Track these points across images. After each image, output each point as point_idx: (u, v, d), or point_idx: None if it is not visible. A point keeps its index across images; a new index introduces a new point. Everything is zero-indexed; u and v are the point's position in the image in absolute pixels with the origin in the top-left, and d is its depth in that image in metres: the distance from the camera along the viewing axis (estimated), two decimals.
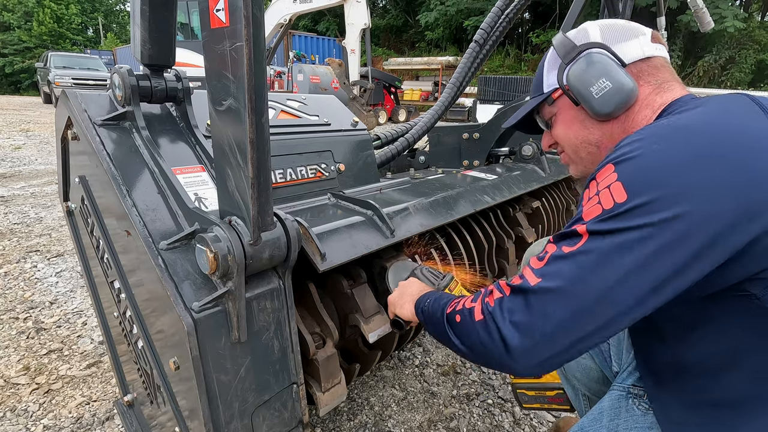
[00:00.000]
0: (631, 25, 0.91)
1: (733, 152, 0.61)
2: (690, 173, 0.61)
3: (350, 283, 1.32)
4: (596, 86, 0.87)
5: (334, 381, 1.21)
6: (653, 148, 0.65)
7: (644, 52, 0.88)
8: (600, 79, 0.86)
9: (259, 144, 0.75)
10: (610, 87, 0.85)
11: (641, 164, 0.65)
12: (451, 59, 17.73)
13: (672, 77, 0.89)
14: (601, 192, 0.67)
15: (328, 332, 1.25)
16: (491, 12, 2.06)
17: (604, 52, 0.88)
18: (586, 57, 0.89)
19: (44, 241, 3.30)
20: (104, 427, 1.57)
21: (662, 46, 0.90)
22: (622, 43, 0.89)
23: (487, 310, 0.72)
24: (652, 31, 0.91)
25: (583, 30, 0.95)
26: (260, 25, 0.71)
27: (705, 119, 0.67)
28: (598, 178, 0.69)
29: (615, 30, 0.91)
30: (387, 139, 2.11)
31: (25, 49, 28.87)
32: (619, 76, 0.85)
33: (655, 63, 0.88)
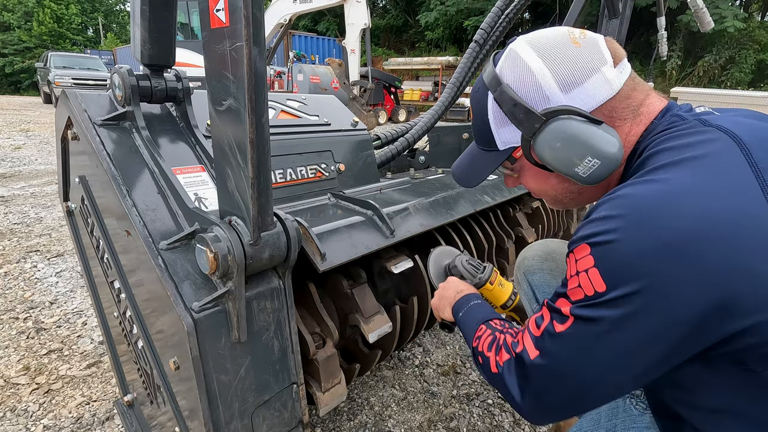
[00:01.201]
0: (585, 52, 0.74)
1: (713, 240, 0.55)
2: (666, 265, 0.56)
3: (350, 283, 1.32)
4: (582, 166, 0.74)
5: (334, 381, 1.21)
6: (630, 235, 0.59)
7: (612, 87, 0.73)
8: (584, 158, 0.73)
9: (259, 144, 0.75)
10: (598, 165, 0.73)
11: (617, 253, 0.60)
12: (451, 59, 17.72)
13: (644, 93, 0.77)
14: (581, 275, 0.64)
15: (328, 332, 1.25)
16: (491, 12, 2.06)
17: (576, 118, 0.73)
18: (553, 130, 0.74)
19: (44, 241, 3.30)
20: (104, 427, 1.57)
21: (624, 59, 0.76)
22: (582, 84, 0.73)
23: (498, 367, 0.78)
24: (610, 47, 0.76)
25: (525, 72, 0.76)
26: (260, 25, 0.71)
27: (688, 198, 0.59)
28: (576, 253, 0.65)
29: (568, 66, 0.73)
30: (387, 139, 2.11)
31: (25, 49, 28.86)
32: (606, 146, 0.72)
33: (625, 92, 0.74)
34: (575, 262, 0.66)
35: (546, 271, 1.22)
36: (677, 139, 0.68)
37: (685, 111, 0.76)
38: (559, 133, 0.74)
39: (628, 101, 0.75)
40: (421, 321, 1.55)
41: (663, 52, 2.14)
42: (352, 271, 1.35)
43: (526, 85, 0.76)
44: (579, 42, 0.75)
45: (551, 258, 1.22)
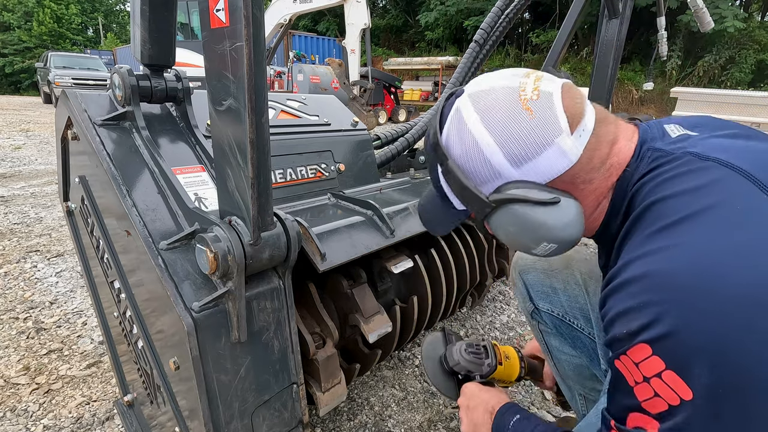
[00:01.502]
0: (540, 122, 0.66)
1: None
2: (743, 342, 0.49)
3: (350, 283, 1.32)
4: (538, 249, 0.72)
5: (334, 381, 1.21)
6: (690, 321, 0.52)
7: (570, 158, 0.67)
8: (540, 243, 0.70)
9: (259, 144, 0.75)
10: (555, 247, 0.71)
11: (685, 345, 0.52)
12: (451, 59, 17.71)
13: (606, 144, 0.69)
14: (653, 380, 0.54)
15: (328, 332, 1.25)
16: (491, 12, 2.06)
17: (528, 206, 0.68)
18: (503, 218, 0.71)
19: (44, 241, 3.29)
20: (104, 427, 1.57)
21: (583, 122, 0.67)
22: (535, 158, 0.67)
23: None
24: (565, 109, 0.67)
25: (473, 146, 0.70)
26: (260, 25, 0.71)
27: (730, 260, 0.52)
28: (631, 356, 0.56)
29: (519, 142, 0.67)
30: (387, 139, 2.11)
31: (25, 49, 28.86)
32: (563, 232, 0.68)
33: (586, 155, 0.68)
34: (636, 367, 0.56)
35: (539, 271, 1.21)
36: (678, 184, 0.61)
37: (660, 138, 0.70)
38: (510, 222, 0.71)
39: (591, 163, 0.69)
40: (421, 321, 1.55)
41: (663, 52, 2.14)
42: (352, 271, 1.35)
43: (474, 161, 0.71)
44: (531, 108, 0.67)
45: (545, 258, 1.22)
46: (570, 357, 1.18)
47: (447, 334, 1.32)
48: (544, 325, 1.22)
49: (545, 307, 1.20)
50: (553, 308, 1.18)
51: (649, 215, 0.62)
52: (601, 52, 2.04)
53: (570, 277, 1.14)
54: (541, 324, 1.23)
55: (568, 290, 1.15)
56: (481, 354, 1.19)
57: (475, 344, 1.22)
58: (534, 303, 1.22)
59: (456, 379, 1.22)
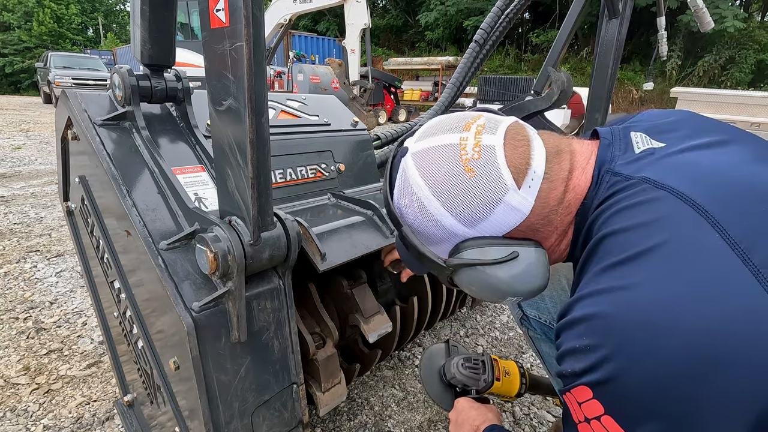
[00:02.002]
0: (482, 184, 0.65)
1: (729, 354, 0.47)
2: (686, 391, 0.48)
3: (350, 283, 1.32)
4: (506, 302, 0.74)
5: (334, 381, 1.21)
6: (629, 367, 0.51)
7: (522, 212, 0.66)
8: (506, 297, 0.72)
9: (259, 144, 0.75)
10: (521, 298, 0.72)
11: (626, 391, 0.51)
12: (451, 59, 17.71)
13: (560, 182, 0.67)
14: (592, 423, 0.54)
15: (328, 332, 1.25)
16: (491, 12, 2.06)
17: (483, 267, 0.68)
18: (465, 279, 0.71)
19: (44, 241, 3.29)
20: (104, 427, 1.57)
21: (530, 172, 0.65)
22: (486, 218, 0.66)
23: None
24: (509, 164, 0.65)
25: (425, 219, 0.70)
26: (260, 25, 0.71)
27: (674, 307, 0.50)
28: (575, 395, 0.56)
29: (466, 206, 0.66)
30: (387, 139, 2.10)
31: (25, 49, 28.86)
32: (526, 285, 0.69)
33: (540, 203, 0.66)
34: (579, 406, 0.56)
35: None
36: (629, 217, 0.59)
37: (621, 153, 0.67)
38: (472, 282, 0.71)
39: (547, 206, 0.67)
40: (421, 321, 1.55)
41: (663, 52, 2.14)
42: (353, 271, 1.35)
43: (426, 225, 0.71)
44: (473, 168, 0.65)
45: None
46: None
47: (450, 347, 1.32)
48: (533, 331, 1.23)
49: (533, 313, 1.20)
50: (540, 315, 1.19)
51: (601, 249, 0.61)
52: (601, 52, 2.04)
53: (556, 283, 1.14)
54: (530, 330, 1.23)
55: (554, 296, 1.16)
56: (479, 369, 1.19)
57: (474, 359, 1.21)
58: (522, 310, 1.22)
59: (453, 391, 1.22)
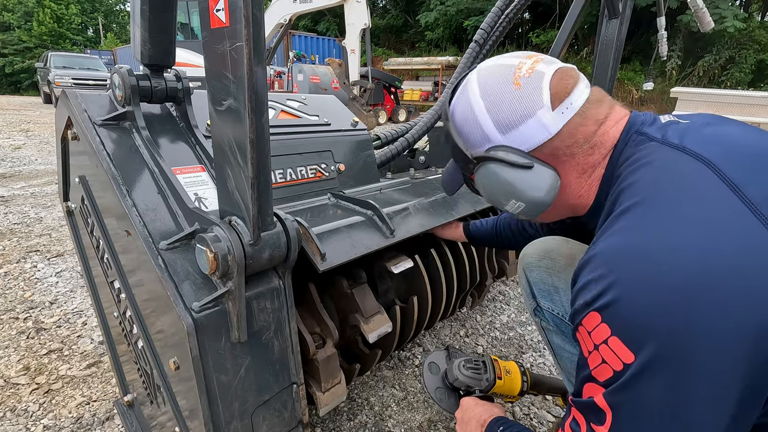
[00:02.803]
0: (524, 95, 0.74)
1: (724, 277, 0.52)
2: (684, 311, 0.53)
3: (350, 283, 1.32)
4: (509, 206, 0.81)
5: (334, 381, 1.21)
6: (632, 289, 0.56)
7: (549, 130, 0.74)
8: (510, 200, 0.80)
9: (259, 144, 0.75)
10: (523, 207, 0.79)
11: (629, 311, 0.56)
12: (451, 59, 17.71)
13: (596, 120, 0.75)
14: (601, 347, 0.59)
15: (328, 332, 1.25)
16: (491, 12, 2.06)
17: (503, 164, 0.77)
18: (483, 173, 0.80)
19: (44, 241, 3.29)
20: (104, 427, 1.57)
21: (571, 97, 0.74)
22: (518, 127, 0.75)
23: None
24: (551, 88, 0.73)
25: (468, 112, 0.80)
26: (260, 25, 0.71)
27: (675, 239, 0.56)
28: (586, 325, 0.61)
29: (506, 109, 0.76)
30: (387, 139, 2.10)
31: (25, 49, 28.86)
32: (530, 192, 0.76)
33: (569, 129, 0.74)
34: (589, 335, 0.60)
35: (543, 269, 1.22)
36: (641, 171, 0.66)
37: (649, 123, 0.74)
38: (486, 178, 0.81)
39: (574, 138, 0.75)
40: (421, 321, 1.55)
41: (663, 52, 2.14)
42: (353, 271, 1.35)
43: (468, 125, 0.81)
44: (520, 83, 0.75)
45: (548, 257, 1.23)
46: (571, 355, 1.19)
47: (450, 352, 1.35)
48: (546, 323, 1.23)
49: (547, 305, 1.21)
50: (554, 307, 1.19)
51: (621, 198, 0.67)
52: (601, 52, 2.04)
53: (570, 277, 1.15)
54: (543, 321, 1.24)
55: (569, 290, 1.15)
56: (480, 369, 1.22)
57: (474, 360, 1.24)
58: (536, 300, 1.23)
59: (458, 394, 1.24)
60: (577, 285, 0.65)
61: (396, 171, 2.53)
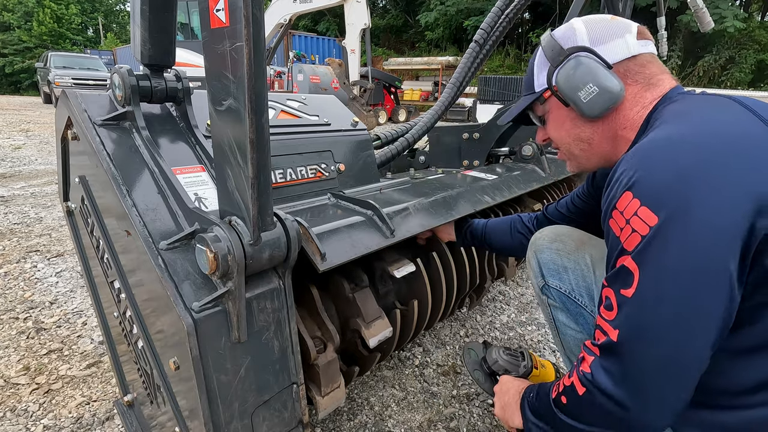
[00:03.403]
0: (618, 23, 0.93)
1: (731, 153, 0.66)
2: (702, 173, 0.65)
3: (352, 287, 1.32)
4: (584, 91, 0.90)
5: (334, 385, 1.21)
6: (654, 165, 0.69)
7: (630, 50, 0.91)
8: (587, 84, 0.90)
9: (259, 144, 0.74)
10: (596, 92, 0.89)
11: (652, 181, 0.68)
12: (451, 59, 17.72)
13: (660, 71, 0.92)
14: (632, 219, 0.69)
15: (329, 336, 1.25)
16: (491, 12, 2.06)
17: (590, 56, 0.91)
18: (572, 61, 0.92)
19: (44, 241, 3.29)
20: (104, 427, 1.57)
21: (648, 41, 0.93)
22: (607, 42, 0.92)
23: (586, 380, 0.75)
24: (638, 27, 0.93)
25: (570, 29, 0.97)
26: (260, 25, 0.71)
27: (698, 127, 0.72)
28: (619, 207, 0.72)
29: (601, 29, 0.93)
30: (387, 139, 2.11)
31: (25, 49, 28.87)
32: (606, 80, 0.88)
33: (641, 60, 0.91)
34: (621, 214, 0.71)
35: (553, 250, 1.28)
36: (680, 105, 0.82)
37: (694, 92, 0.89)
38: (574, 63, 0.92)
39: (643, 69, 0.90)
40: (420, 323, 1.55)
41: (663, 52, 2.14)
42: (354, 273, 1.35)
43: (566, 37, 0.96)
44: (615, 18, 0.95)
45: (560, 240, 1.29)
46: (574, 332, 1.25)
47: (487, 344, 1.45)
48: (552, 300, 1.29)
49: (555, 283, 1.27)
50: (561, 285, 1.26)
51: (651, 127, 0.83)
52: None
53: (580, 259, 1.23)
54: (550, 299, 1.30)
55: (577, 270, 1.23)
56: (518, 357, 1.31)
57: (514, 349, 1.34)
58: (545, 279, 1.30)
59: (494, 378, 1.34)
60: (614, 178, 0.75)
61: (396, 171, 2.53)
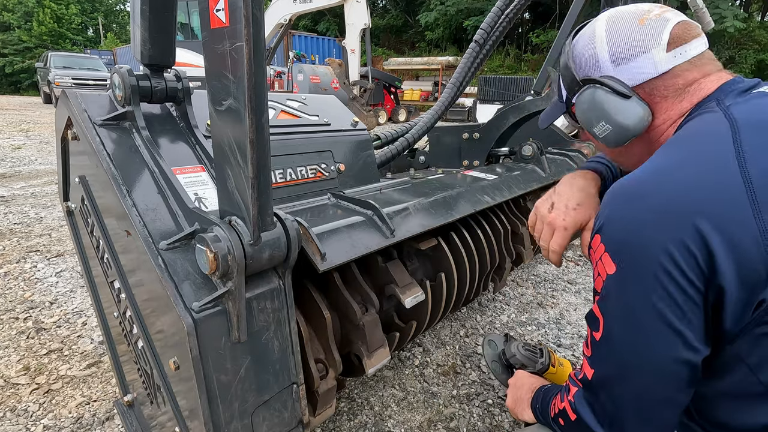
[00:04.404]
0: (646, 32, 0.80)
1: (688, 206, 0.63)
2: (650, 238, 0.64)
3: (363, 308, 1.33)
4: (597, 128, 0.87)
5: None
6: (616, 212, 0.70)
7: (657, 68, 0.80)
8: (600, 122, 0.86)
9: (259, 144, 0.75)
10: (610, 130, 0.85)
11: (612, 230, 0.70)
12: (451, 59, 17.72)
13: (700, 74, 0.80)
14: (599, 262, 0.71)
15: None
16: (491, 12, 2.06)
17: (605, 89, 0.83)
18: (586, 94, 0.87)
19: (44, 241, 3.30)
20: (104, 427, 1.57)
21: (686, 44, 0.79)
22: (630, 61, 0.81)
23: (574, 408, 0.79)
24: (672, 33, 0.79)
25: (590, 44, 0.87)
26: (260, 25, 0.71)
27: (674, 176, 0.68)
28: (593, 245, 0.74)
29: (625, 43, 0.82)
30: (387, 139, 2.10)
31: (25, 49, 28.87)
32: (620, 117, 0.82)
33: (675, 72, 0.80)
34: (594, 252, 0.73)
35: None
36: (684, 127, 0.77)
37: (740, 92, 0.76)
38: (587, 99, 0.86)
39: (674, 80, 0.80)
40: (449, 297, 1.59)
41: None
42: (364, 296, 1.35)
43: (586, 52, 0.88)
44: (645, 22, 0.81)
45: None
46: None
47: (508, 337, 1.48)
48: None
49: None
50: None
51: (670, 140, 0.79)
52: None
53: None
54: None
55: None
56: (537, 353, 1.33)
57: (533, 345, 1.36)
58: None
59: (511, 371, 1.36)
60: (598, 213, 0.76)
61: (396, 171, 2.53)
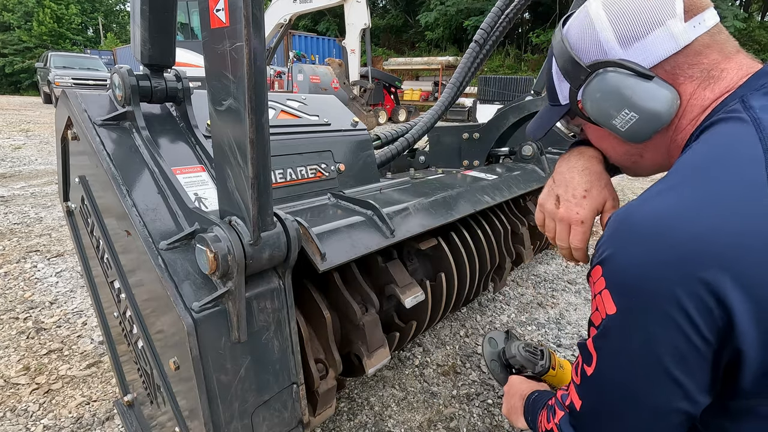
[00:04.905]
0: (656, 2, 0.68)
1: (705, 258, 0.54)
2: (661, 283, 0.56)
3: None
4: (619, 119, 0.71)
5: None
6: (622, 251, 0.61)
7: (678, 42, 0.67)
8: (622, 110, 0.70)
9: (259, 144, 0.75)
10: (636, 119, 0.70)
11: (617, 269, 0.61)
12: (451, 59, 17.72)
13: (722, 56, 0.67)
14: (598, 296, 0.65)
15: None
16: (491, 12, 2.06)
17: (620, 70, 0.69)
18: (595, 82, 0.72)
19: (44, 241, 3.29)
20: (104, 427, 1.57)
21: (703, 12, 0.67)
22: (643, 39, 0.68)
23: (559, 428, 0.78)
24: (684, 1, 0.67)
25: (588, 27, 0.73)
26: (260, 25, 0.71)
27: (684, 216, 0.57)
28: (593, 276, 0.66)
29: (631, 19, 0.68)
30: (387, 139, 2.11)
31: (25, 49, 28.88)
32: (647, 101, 0.68)
33: (697, 47, 0.67)
34: (594, 284, 0.66)
35: None
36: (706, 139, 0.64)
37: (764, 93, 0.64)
38: (601, 87, 0.71)
39: (698, 58, 0.67)
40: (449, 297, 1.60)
41: None
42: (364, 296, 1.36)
43: (585, 39, 0.73)
44: None
45: None
46: None
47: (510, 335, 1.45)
48: None
49: None
50: None
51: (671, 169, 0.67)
52: None
53: None
54: None
55: None
56: (537, 355, 1.30)
57: (534, 346, 1.33)
58: None
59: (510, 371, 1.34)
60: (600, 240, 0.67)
61: (396, 171, 2.53)
